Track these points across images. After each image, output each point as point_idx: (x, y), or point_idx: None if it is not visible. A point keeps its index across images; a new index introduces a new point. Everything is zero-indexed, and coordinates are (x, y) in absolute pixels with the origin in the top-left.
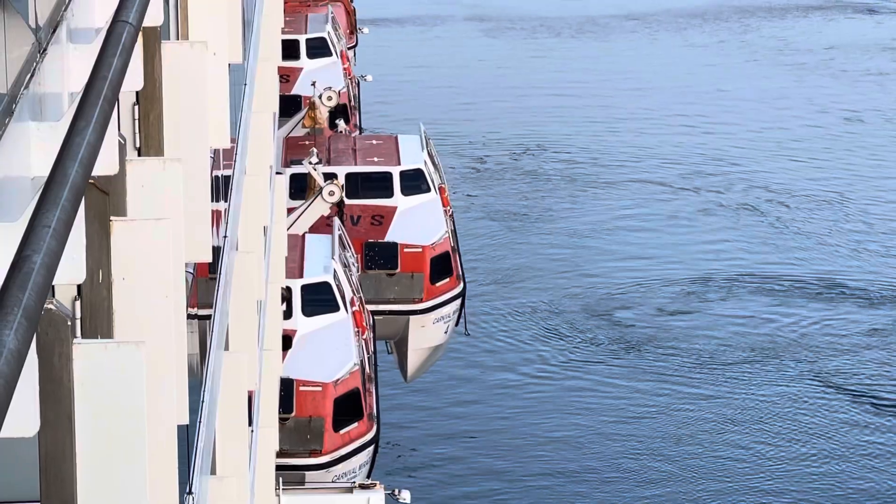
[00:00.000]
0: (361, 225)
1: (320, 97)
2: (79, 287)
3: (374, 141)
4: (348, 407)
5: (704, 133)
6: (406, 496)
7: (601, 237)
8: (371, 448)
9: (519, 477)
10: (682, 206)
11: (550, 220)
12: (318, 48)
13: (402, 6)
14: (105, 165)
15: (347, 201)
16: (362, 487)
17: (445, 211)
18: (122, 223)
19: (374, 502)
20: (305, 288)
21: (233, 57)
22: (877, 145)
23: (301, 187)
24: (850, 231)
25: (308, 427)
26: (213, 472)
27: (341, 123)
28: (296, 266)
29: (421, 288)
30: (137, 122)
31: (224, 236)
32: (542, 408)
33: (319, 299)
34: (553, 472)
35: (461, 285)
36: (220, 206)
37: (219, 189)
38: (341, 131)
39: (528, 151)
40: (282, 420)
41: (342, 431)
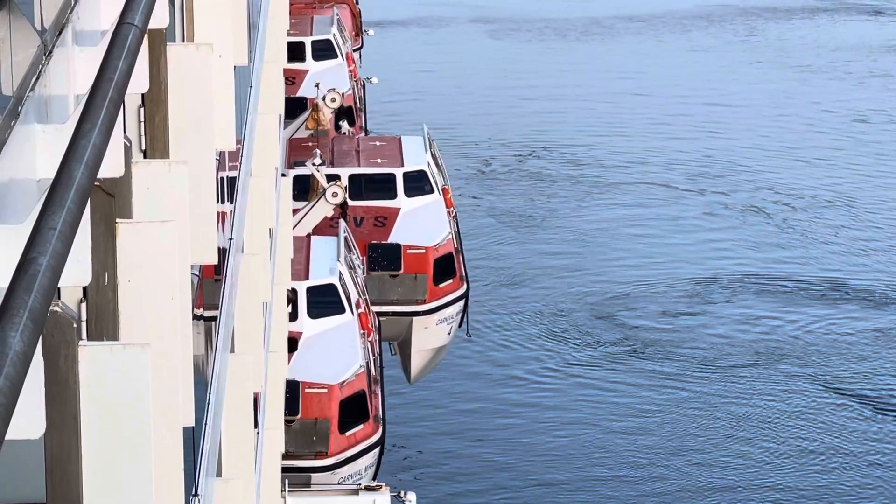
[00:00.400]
0: (365, 226)
1: (324, 99)
2: (84, 289)
3: (378, 142)
4: (354, 409)
5: (710, 135)
6: (412, 498)
7: (606, 239)
8: (377, 450)
9: (524, 479)
10: (688, 208)
11: (555, 222)
12: (324, 50)
13: (408, 8)
14: (111, 168)
15: (351, 203)
16: (368, 489)
17: (449, 212)
18: (128, 225)
19: None
20: (311, 290)
21: (238, 59)
22: (883, 147)
23: (304, 189)
24: (857, 233)
25: (314, 429)
26: (219, 474)
27: (344, 125)
28: (301, 268)
29: (424, 289)
30: (143, 125)
31: (230, 238)
32: (548, 409)
33: (325, 301)
34: (558, 474)
35: (465, 286)
36: (226, 208)
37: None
38: (345, 133)
39: (534, 153)
40: (288, 422)
41: (348, 433)
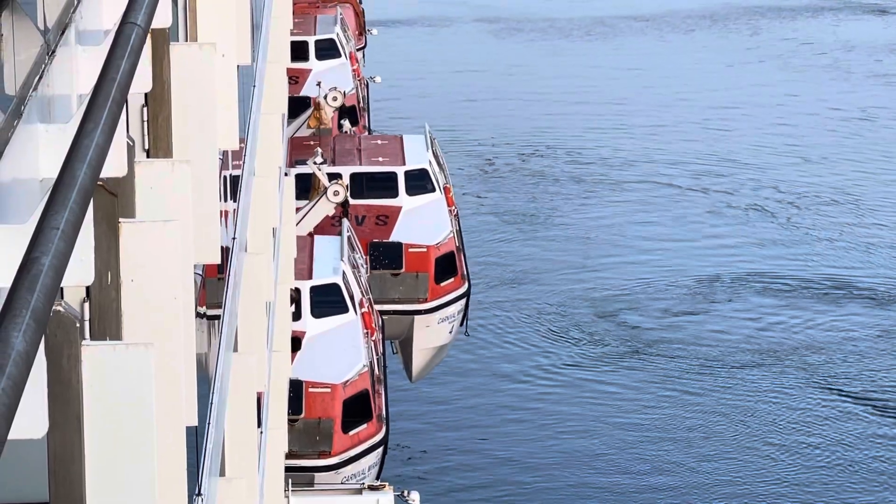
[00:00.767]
0: (366, 225)
1: (325, 97)
2: (87, 289)
3: (379, 141)
4: (357, 408)
5: (713, 134)
6: (415, 497)
7: (609, 238)
8: (380, 449)
9: (527, 477)
10: (691, 207)
11: (558, 221)
12: (327, 49)
13: (411, 7)
14: (113, 167)
15: (352, 201)
16: (371, 489)
17: (450, 211)
18: (131, 225)
19: None
20: (314, 289)
21: (241, 58)
22: (887, 145)
23: (305, 188)
24: (861, 231)
25: (317, 428)
26: (223, 474)
27: (346, 123)
28: (305, 267)
29: (426, 288)
30: (146, 124)
31: (233, 238)
32: (550, 408)
33: (328, 301)
34: (561, 472)
35: (466, 285)
36: (229, 207)
37: (228, 190)
38: (346, 131)
39: (537, 152)
40: (291, 421)
41: (351, 433)
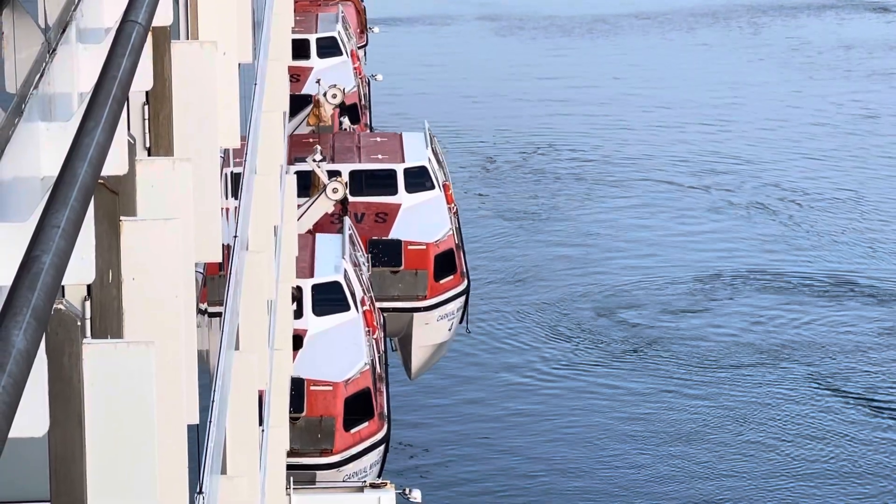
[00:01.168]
0: (365, 222)
1: (325, 95)
2: (88, 287)
3: (379, 138)
4: (359, 406)
5: (715, 132)
6: (417, 495)
7: (610, 236)
8: (382, 447)
9: (528, 476)
10: (693, 205)
11: (559, 219)
12: (329, 47)
13: (413, 5)
14: (114, 165)
15: (351, 198)
16: (373, 487)
17: (450, 208)
18: (132, 223)
19: (385, 502)
20: (316, 287)
21: (243, 56)
22: (889, 143)
23: (305, 185)
24: (863, 229)
25: (319, 426)
26: (224, 472)
27: (345, 121)
28: (306, 265)
29: (425, 285)
30: (147, 122)
31: (234, 236)
32: (551, 406)
33: (330, 299)
34: (562, 471)
35: (465, 282)
36: (231, 205)
37: (230, 188)
38: (346, 129)
39: (538, 150)
40: (292, 419)
41: (353, 431)
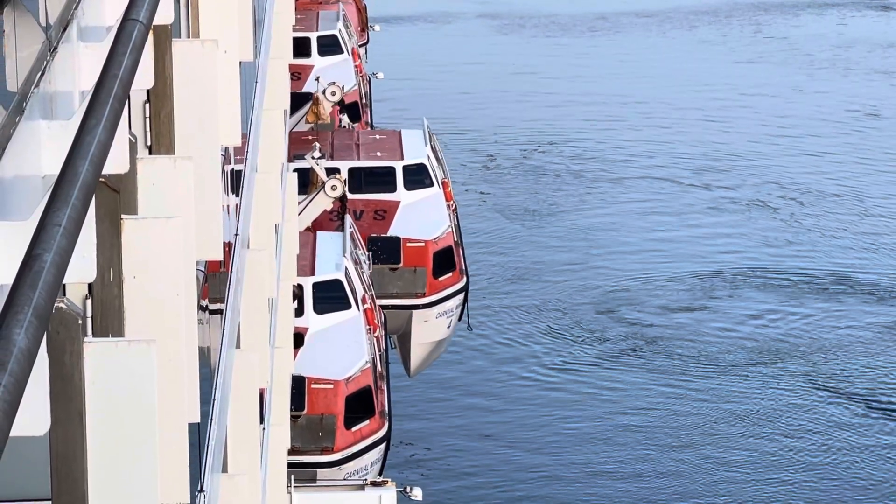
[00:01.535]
0: (364, 219)
1: (324, 92)
2: (90, 285)
3: (378, 135)
4: (360, 404)
5: (716, 130)
6: (418, 493)
7: (610, 233)
8: (383, 445)
9: (528, 473)
10: (694, 203)
11: (559, 217)
12: (330, 45)
13: (414, 3)
14: (116, 164)
15: (350, 196)
16: (374, 485)
17: (449, 205)
18: (133, 221)
19: (386, 500)
20: (317, 285)
21: (244, 55)
22: (891, 141)
23: (304, 182)
24: (864, 227)
25: (320, 424)
26: (225, 470)
27: (344, 118)
28: (307, 263)
29: (424, 282)
30: (148, 121)
31: (236, 234)
32: (551, 404)
33: (331, 297)
34: (562, 468)
35: (464, 280)
36: (232, 202)
37: (231, 186)
38: (344, 126)
39: (539, 148)
40: (293, 417)
41: (354, 429)
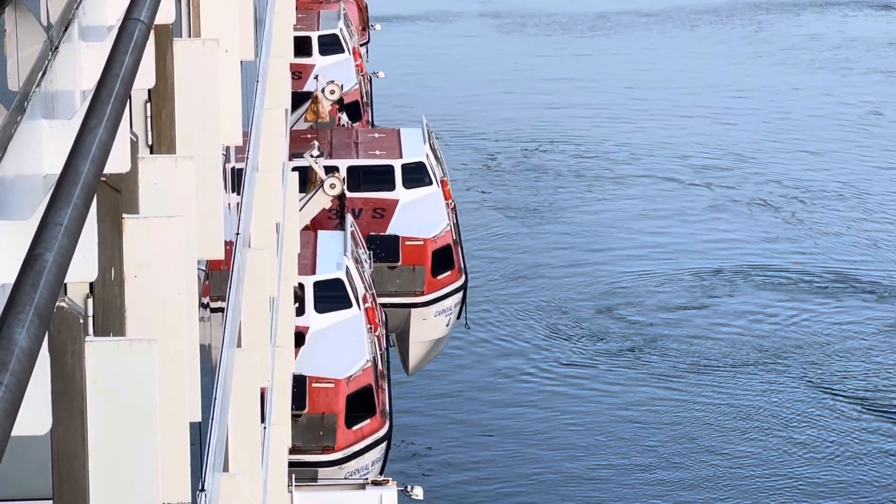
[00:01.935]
0: (363, 218)
1: (323, 91)
2: (91, 285)
3: (376, 134)
4: (361, 403)
5: (716, 129)
6: (419, 492)
7: (611, 232)
8: (384, 444)
9: (529, 472)
10: (694, 202)
11: (560, 215)
12: (331, 45)
13: (415, 3)
14: (117, 163)
15: (349, 194)
16: (375, 484)
17: (447, 204)
18: (135, 221)
19: (387, 499)
20: (318, 285)
21: (245, 54)
22: (892, 140)
23: (303, 180)
24: (866, 226)
25: (321, 423)
26: (226, 469)
27: (343, 116)
28: (308, 263)
29: (422, 281)
30: (149, 120)
31: (237, 233)
32: (551, 403)
33: (332, 296)
34: (562, 466)
35: (463, 278)
36: (233, 200)
37: (231, 185)
38: (343, 124)
39: (540, 147)
40: (294, 416)
41: (355, 428)
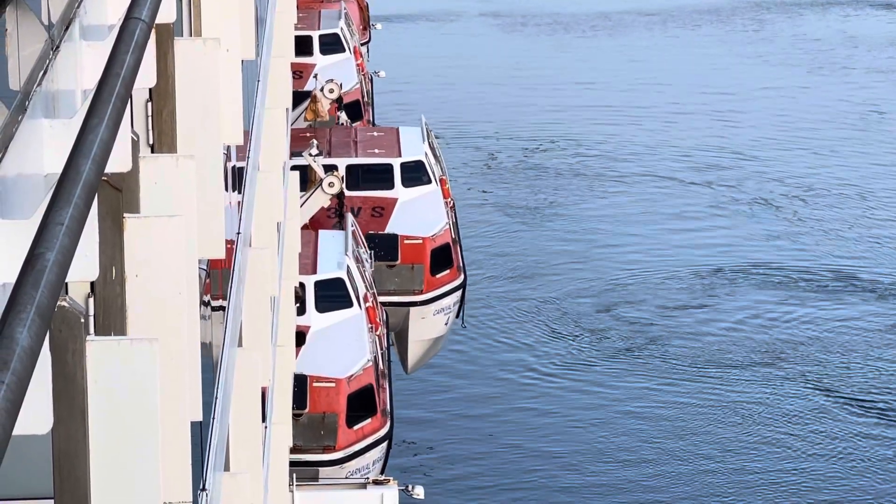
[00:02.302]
0: (362, 217)
1: (322, 90)
2: (92, 284)
3: (375, 133)
4: (362, 403)
5: (718, 128)
6: (420, 492)
7: (611, 231)
8: (385, 444)
9: (530, 471)
10: (695, 201)
11: (561, 215)
12: (331, 44)
13: (416, 2)
14: (118, 162)
15: (348, 193)
16: (376, 483)
17: (446, 203)
18: (136, 220)
19: (388, 498)
20: (319, 284)
21: (246, 53)
22: (894, 140)
23: (301, 179)
24: (867, 225)
25: (322, 423)
26: (227, 469)
27: (342, 115)
28: (309, 262)
29: (421, 279)
30: (150, 119)
31: (238, 232)
32: (551, 402)
33: (333, 295)
34: (563, 466)
35: (462, 277)
36: (234, 200)
37: (232, 184)
38: (342, 123)
39: (540, 146)
40: (295, 416)
41: (356, 427)
